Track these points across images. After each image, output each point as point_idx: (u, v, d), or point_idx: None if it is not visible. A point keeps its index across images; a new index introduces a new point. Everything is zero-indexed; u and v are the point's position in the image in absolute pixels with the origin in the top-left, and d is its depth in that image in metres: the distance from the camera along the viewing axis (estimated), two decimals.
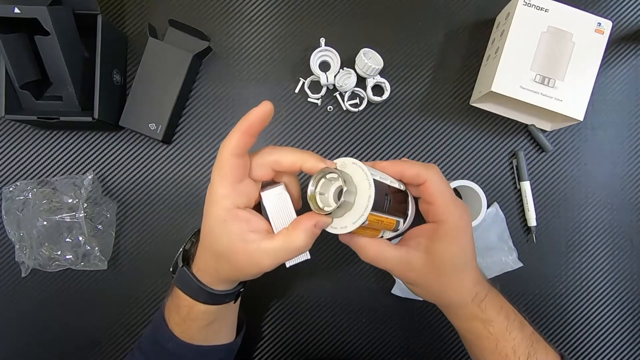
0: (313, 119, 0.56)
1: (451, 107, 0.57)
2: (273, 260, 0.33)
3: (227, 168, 0.32)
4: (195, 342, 0.40)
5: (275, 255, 0.32)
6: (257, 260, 0.33)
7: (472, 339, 0.39)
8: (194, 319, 0.38)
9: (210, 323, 0.39)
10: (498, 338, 0.37)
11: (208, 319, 0.39)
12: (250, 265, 0.33)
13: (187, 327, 0.39)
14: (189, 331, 0.39)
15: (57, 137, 0.55)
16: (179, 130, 0.56)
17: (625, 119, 0.57)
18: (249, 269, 0.34)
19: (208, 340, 0.41)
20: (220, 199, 0.32)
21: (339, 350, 0.57)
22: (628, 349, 0.57)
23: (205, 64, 0.56)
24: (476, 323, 0.38)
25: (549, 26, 0.49)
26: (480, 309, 0.37)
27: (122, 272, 0.56)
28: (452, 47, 0.57)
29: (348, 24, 0.56)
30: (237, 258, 0.33)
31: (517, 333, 0.38)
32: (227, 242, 0.32)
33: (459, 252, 0.36)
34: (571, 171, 0.57)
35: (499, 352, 0.37)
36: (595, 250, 0.57)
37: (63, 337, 0.55)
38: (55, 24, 0.44)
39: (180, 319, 0.39)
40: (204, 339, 0.41)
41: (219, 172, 0.32)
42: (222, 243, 0.33)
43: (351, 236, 0.35)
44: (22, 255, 0.52)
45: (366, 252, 0.35)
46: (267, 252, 0.32)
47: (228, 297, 0.38)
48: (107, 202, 0.54)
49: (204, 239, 0.35)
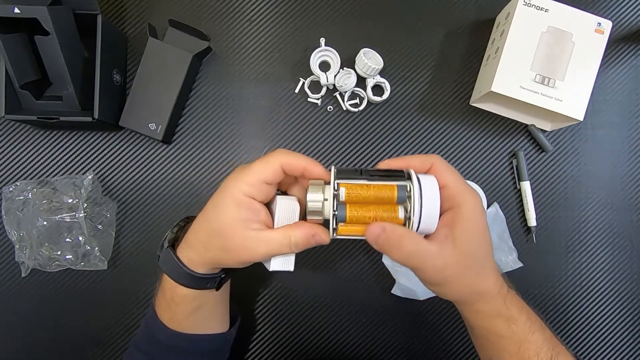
0: (313, 119, 0.56)
1: (451, 107, 0.57)
2: (266, 249, 0.34)
3: (270, 170, 0.34)
4: (184, 331, 0.40)
5: (270, 245, 0.34)
6: (250, 245, 0.34)
7: (492, 339, 0.37)
8: (177, 303, 0.39)
9: (194, 310, 0.40)
10: (521, 339, 0.36)
11: (191, 305, 0.39)
12: (242, 250, 0.34)
13: (172, 313, 0.40)
14: (175, 317, 0.40)
15: (57, 137, 0.55)
16: (179, 130, 0.56)
17: (625, 119, 0.57)
18: (239, 254, 0.34)
19: (196, 328, 0.42)
20: (244, 184, 0.33)
21: (339, 350, 0.57)
22: (628, 349, 0.57)
23: (205, 64, 0.56)
24: (499, 321, 0.36)
25: (549, 26, 0.49)
26: (506, 305, 0.36)
27: (122, 272, 0.56)
28: (452, 47, 0.57)
29: (348, 24, 0.56)
30: (232, 239, 0.34)
31: (539, 335, 0.36)
32: (229, 221, 0.34)
33: (484, 236, 0.35)
34: (571, 171, 0.57)
35: (521, 355, 0.35)
36: (595, 250, 0.57)
37: (63, 337, 0.55)
38: (55, 24, 0.44)
39: (165, 303, 0.40)
40: (191, 326, 0.41)
41: (261, 167, 0.34)
42: (224, 220, 0.34)
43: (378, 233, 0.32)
44: (22, 255, 0.52)
45: (401, 246, 0.32)
46: (264, 241, 0.34)
47: (209, 283, 0.38)
48: (107, 202, 0.54)
49: (205, 213, 0.36)
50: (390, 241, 0.32)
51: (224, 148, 0.56)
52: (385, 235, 0.32)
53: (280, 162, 0.34)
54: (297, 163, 0.34)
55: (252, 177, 0.34)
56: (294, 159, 0.34)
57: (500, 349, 0.37)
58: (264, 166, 0.34)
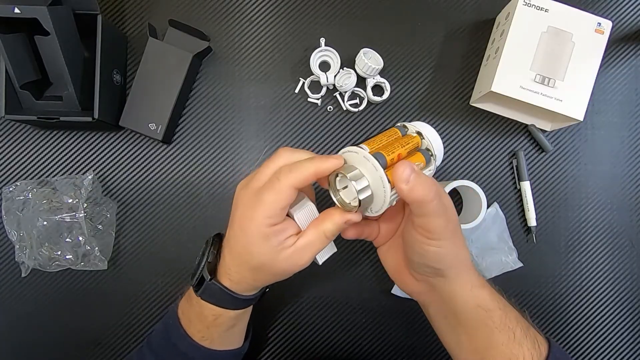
0: (313, 119, 0.56)
1: (451, 107, 0.57)
2: (310, 253, 0.35)
3: (284, 198, 0.32)
4: (207, 345, 0.40)
5: (311, 247, 0.35)
6: (296, 260, 0.35)
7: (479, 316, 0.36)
8: (219, 324, 0.39)
9: (230, 328, 0.40)
10: (503, 310, 0.36)
11: (230, 323, 0.40)
12: (291, 267, 0.35)
13: (210, 333, 0.40)
14: (210, 337, 0.40)
15: (57, 137, 0.55)
16: (179, 130, 0.56)
17: (625, 119, 0.57)
18: (290, 270, 0.36)
19: (224, 345, 0.42)
20: (265, 219, 0.33)
21: (339, 350, 0.57)
22: (628, 349, 0.57)
23: (205, 64, 0.56)
24: (485, 293, 0.37)
25: (549, 26, 0.49)
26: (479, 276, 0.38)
27: (122, 272, 0.56)
28: (452, 47, 0.57)
29: (348, 24, 0.56)
30: (278, 266, 0.35)
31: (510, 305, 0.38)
32: (268, 256, 0.34)
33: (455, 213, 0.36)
34: (571, 171, 0.57)
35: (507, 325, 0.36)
36: (595, 250, 0.57)
37: (63, 337, 0.55)
38: (55, 24, 0.44)
39: (203, 326, 0.39)
40: (220, 343, 0.41)
41: (273, 198, 0.32)
42: (263, 257, 0.34)
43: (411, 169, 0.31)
44: (22, 255, 0.52)
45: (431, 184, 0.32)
46: (304, 248, 0.34)
47: (253, 300, 0.39)
48: (107, 202, 0.54)
49: (240, 256, 0.35)
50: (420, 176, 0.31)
51: (224, 148, 0.56)
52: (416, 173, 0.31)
53: (291, 185, 0.32)
54: (306, 175, 0.32)
55: (269, 210, 0.32)
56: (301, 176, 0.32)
57: (488, 326, 0.36)
58: (276, 195, 0.32)
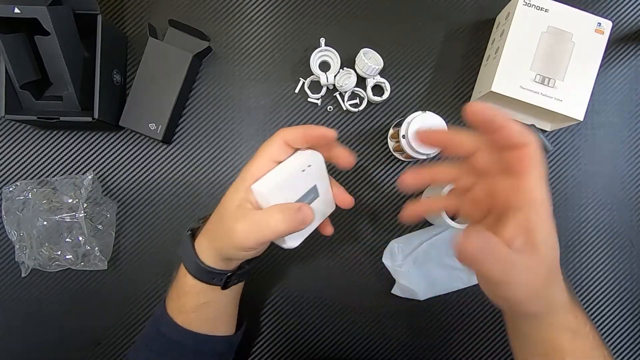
0: (313, 119, 0.56)
1: (451, 107, 0.57)
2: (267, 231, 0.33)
3: (273, 146, 0.35)
4: (190, 328, 0.41)
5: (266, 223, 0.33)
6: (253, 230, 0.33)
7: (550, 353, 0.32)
8: (185, 292, 0.40)
9: (201, 305, 0.40)
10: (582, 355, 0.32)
11: (198, 298, 0.40)
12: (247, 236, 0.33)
13: (181, 303, 0.41)
14: (183, 308, 0.41)
15: (57, 137, 0.55)
16: (179, 130, 0.56)
17: (625, 119, 0.57)
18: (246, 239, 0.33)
19: (202, 327, 0.42)
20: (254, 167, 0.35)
21: (339, 350, 0.57)
22: (628, 349, 0.57)
23: (205, 64, 0.56)
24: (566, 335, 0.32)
25: (549, 26, 0.49)
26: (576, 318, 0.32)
27: (122, 272, 0.56)
28: (452, 47, 0.57)
29: (348, 24, 0.56)
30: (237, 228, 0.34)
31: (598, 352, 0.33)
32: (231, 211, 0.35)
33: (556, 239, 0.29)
34: (571, 171, 0.57)
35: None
36: (595, 250, 0.57)
37: (63, 337, 0.55)
38: (55, 24, 0.44)
39: (176, 292, 0.41)
40: (197, 324, 0.42)
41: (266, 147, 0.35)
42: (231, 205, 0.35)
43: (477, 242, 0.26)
44: (22, 255, 0.52)
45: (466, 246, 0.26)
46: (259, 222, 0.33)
47: (215, 278, 0.39)
48: (107, 202, 0.54)
49: (217, 212, 0.37)
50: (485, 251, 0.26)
51: (224, 148, 0.56)
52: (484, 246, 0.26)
53: (283, 138, 0.35)
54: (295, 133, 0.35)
55: (259, 159, 0.35)
56: (292, 131, 0.35)
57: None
58: (267, 145, 0.35)
